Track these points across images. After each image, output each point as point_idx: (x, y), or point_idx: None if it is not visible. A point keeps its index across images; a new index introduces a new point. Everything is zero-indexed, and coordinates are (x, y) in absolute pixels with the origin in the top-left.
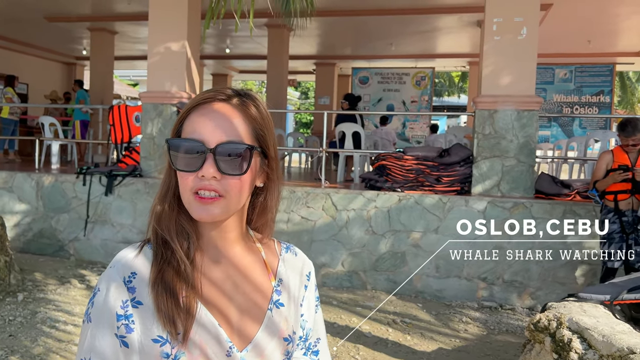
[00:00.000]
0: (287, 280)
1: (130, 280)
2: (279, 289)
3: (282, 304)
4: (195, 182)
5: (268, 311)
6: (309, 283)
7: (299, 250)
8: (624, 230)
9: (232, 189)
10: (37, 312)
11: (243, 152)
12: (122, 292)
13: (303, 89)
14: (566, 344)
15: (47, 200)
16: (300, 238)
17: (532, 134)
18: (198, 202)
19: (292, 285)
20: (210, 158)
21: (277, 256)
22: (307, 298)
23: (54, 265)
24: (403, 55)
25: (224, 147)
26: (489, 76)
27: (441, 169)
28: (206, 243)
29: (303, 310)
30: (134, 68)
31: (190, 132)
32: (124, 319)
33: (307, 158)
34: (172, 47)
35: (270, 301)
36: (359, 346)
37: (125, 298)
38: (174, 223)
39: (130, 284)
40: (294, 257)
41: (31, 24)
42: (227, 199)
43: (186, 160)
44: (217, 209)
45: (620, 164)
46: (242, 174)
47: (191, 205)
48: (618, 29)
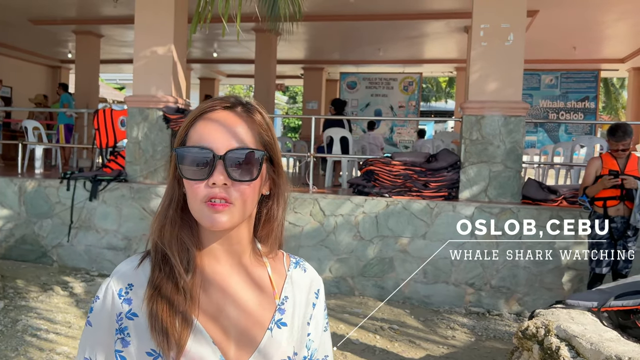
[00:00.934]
0: (293, 298)
1: (127, 291)
2: (282, 307)
3: (284, 323)
4: (206, 190)
5: (268, 331)
6: (317, 301)
7: (309, 266)
8: (612, 236)
9: (241, 195)
10: (18, 320)
11: (253, 158)
12: (117, 305)
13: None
14: (554, 351)
15: (30, 205)
16: (288, 244)
17: (519, 140)
18: (210, 209)
19: (299, 304)
20: (220, 165)
21: (285, 272)
22: (314, 317)
23: (36, 272)
24: (391, 60)
25: (233, 153)
26: (476, 82)
27: (429, 174)
28: (209, 257)
29: (310, 329)
30: (121, 72)
31: (197, 140)
32: (119, 332)
33: (295, 163)
34: (159, 51)
35: (272, 320)
36: (346, 353)
37: (120, 311)
38: (176, 237)
39: (127, 295)
40: (302, 273)
41: (16, 27)
42: (236, 206)
43: (195, 168)
44: (228, 217)
45: (610, 170)
46: (253, 180)
47: (202, 213)
48: (603, 36)
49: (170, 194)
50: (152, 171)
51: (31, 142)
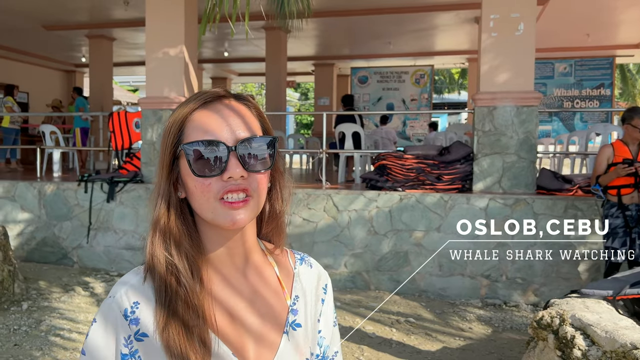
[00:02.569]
0: (304, 297)
1: (133, 310)
2: (295, 307)
3: (298, 324)
4: (220, 185)
5: (284, 335)
6: (325, 297)
7: (314, 261)
8: (627, 224)
9: (259, 186)
10: (41, 321)
11: (265, 146)
12: (124, 327)
13: (303, 89)
14: (569, 340)
15: (50, 208)
16: (302, 240)
17: (532, 130)
18: (227, 207)
19: (309, 302)
20: (234, 157)
21: (292, 270)
22: (324, 313)
23: (57, 274)
24: (402, 53)
25: (247, 142)
26: (487, 73)
27: (442, 167)
28: (215, 263)
29: (320, 327)
30: (134, 74)
31: (201, 134)
32: (130, 357)
33: (308, 159)
34: (170, 52)
35: (286, 323)
36: (363, 347)
37: (128, 334)
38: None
39: (134, 314)
40: (309, 269)
41: (30, 33)
42: (254, 199)
43: (206, 164)
44: (247, 212)
45: (624, 158)
46: (269, 168)
47: (217, 212)
48: (617, 22)
49: (166, 200)
50: None
51: (49, 147)
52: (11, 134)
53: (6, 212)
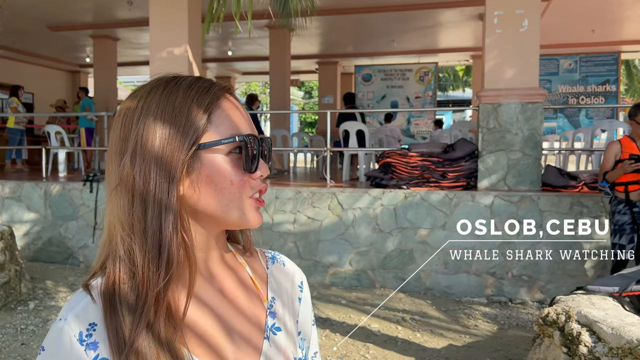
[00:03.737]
0: (280, 297)
1: (89, 334)
2: (272, 310)
3: (278, 328)
4: (255, 183)
5: (265, 340)
6: (302, 295)
7: (286, 259)
8: (635, 221)
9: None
10: (48, 320)
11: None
12: (78, 353)
13: (307, 88)
14: (575, 337)
15: (56, 208)
16: (307, 238)
17: (537, 127)
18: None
19: (286, 302)
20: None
21: (264, 270)
22: (302, 312)
23: (64, 273)
24: (405, 51)
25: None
26: (491, 70)
27: (446, 164)
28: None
29: (300, 327)
30: (138, 74)
31: (235, 127)
32: None
33: (312, 158)
34: (174, 51)
35: (266, 328)
36: (368, 345)
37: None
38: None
39: (90, 338)
40: (282, 267)
41: (35, 34)
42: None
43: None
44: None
45: (631, 154)
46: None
47: (247, 210)
48: (622, 18)
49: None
50: None
51: (54, 147)
52: (16, 135)
53: (12, 212)
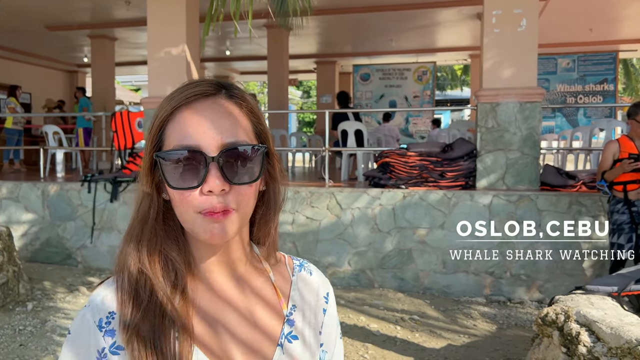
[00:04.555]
0: (302, 306)
1: (108, 321)
2: (291, 318)
3: (295, 336)
4: (201, 199)
5: (278, 347)
6: (327, 306)
7: (314, 268)
8: (633, 220)
9: (243, 199)
10: (46, 321)
11: (252, 154)
12: (98, 339)
13: (305, 87)
14: (574, 337)
15: (53, 209)
16: (306, 238)
17: (535, 126)
18: (207, 219)
19: (308, 311)
20: (214, 168)
21: (289, 277)
22: (326, 324)
23: (62, 274)
24: (404, 50)
25: (229, 152)
26: (490, 69)
27: (445, 164)
28: (202, 270)
29: (322, 339)
30: (136, 73)
31: (179, 139)
32: None
33: (311, 157)
34: (172, 51)
35: (281, 335)
36: (367, 345)
37: (102, 346)
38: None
39: (109, 326)
40: (308, 276)
41: (32, 33)
42: (238, 212)
43: (183, 175)
44: (230, 225)
45: (631, 153)
46: (255, 180)
47: (197, 225)
48: (620, 17)
49: (148, 202)
50: None
51: (52, 147)
52: (14, 135)
53: (10, 213)
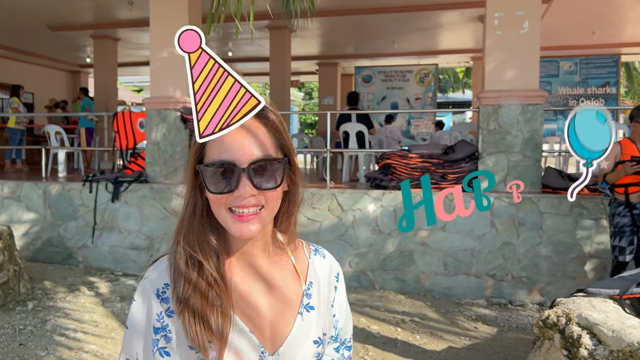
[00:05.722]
0: (317, 283)
1: (164, 291)
2: (309, 292)
3: (312, 307)
4: (230, 200)
5: (299, 315)
6: (338, 284)
7: (327, 252)
8: (634, 223)
9: (270, 199)
10: (47, 321)
11: (276, 166)
12: (156, 304)
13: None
14: (576, 340)
15: (55, 208)
16: (307, 239)
17: (537, 128)
18: (236, 220)
19: (322, 288)
20: (244, 177)
21: (307, 260)
22: (337, 299)
23: (63, 273)
24: (406, 52)
25: (257, 164)
26: (492, 71)
27: (446, 166)
28: (236, 255)
29: (335, 311)
30: (138, 74)
31: (218, 153)
32: (161, 330)
33: (312, 159)
34: (174, 52)
35: (301, 305)
36: (368, 347)
37: (160, 310)
38: (205, 241)
39: (165, 294)
40: (322, 259)
41: (35, 33)
42: (266, 209)
43: (220, 183)
44: (256, 224)
45: (633, 156)
46: (277, 187)
47: (228, 222)
48: (622, 19)
49: (193, 201)
50: (172, 171)
51: (54, 147)
52: (17, 135)
53: (12, 212)
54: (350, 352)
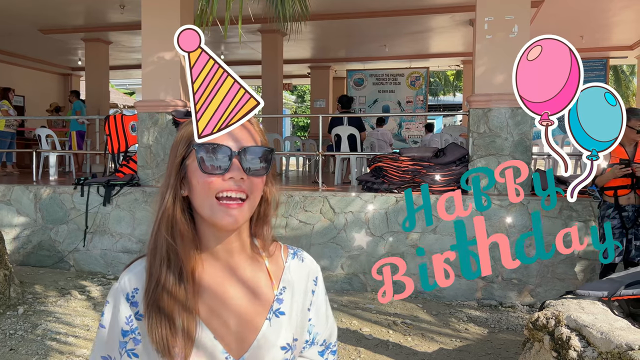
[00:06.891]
0: (292, 288)
1: (133, 295)
2: (281, 297)
3: (282, 312)
4: (221, 184)
5: (266, 320)
6: (316, 288)
7: (306, 255)
8: (624, 225)
9: (255, 189)
10: (37, 325)
11: (265, 154)
12: (126, 308)
13: (299, 92)
14: (565, 341)
15: (46, 212)
16: (299, 242)
17: (526, 132)
18: (223, 207)
19: (298, 292)
20: (236, 160)
21: (283, 264)
22: (314, 303)
23: (54, 277)
24: (397, 56)
25: (249, 149)
26: (482, 75)
27: (437, 168)
28: (208, 255)
29: (311, 315)
30: (130, 77)
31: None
32: (130, 333)
33: (305, 162)
34: (166, 55)
35: (270, 310)
36: (360, 349)
37: (129, 313)
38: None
39: (134, 298)
40: (300, 263)
41: (26, 36)
42: (250, 201)
43: (212, 164)
44: (241, 213)
45: (621, 159)
46: (266, 173)
47: (214, 210)
48: (610, 24)
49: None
50: (164, 174)
51: (45, 150)
52: (7, 138)
53: (2, 216)
54: (335, 357)
